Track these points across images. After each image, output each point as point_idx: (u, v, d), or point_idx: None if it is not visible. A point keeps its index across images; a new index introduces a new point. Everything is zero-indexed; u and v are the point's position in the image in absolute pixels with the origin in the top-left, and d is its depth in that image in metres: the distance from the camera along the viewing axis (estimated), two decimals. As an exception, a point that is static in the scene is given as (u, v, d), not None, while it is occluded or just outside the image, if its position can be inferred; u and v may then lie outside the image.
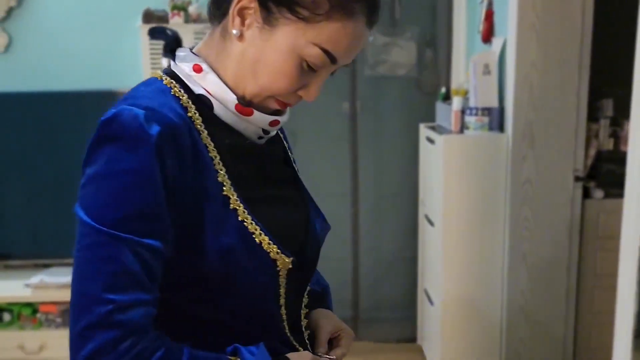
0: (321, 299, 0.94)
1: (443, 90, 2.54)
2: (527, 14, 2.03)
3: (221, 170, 0.73)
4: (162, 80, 0.76)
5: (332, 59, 0.71)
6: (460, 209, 2.21)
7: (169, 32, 0.82)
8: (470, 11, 2.48)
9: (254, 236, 0.73)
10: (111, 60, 2.41)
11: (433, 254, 2.42)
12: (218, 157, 0.73)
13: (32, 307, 2.40)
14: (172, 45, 0.80)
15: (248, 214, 0.73)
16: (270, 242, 0.74)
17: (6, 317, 2.43)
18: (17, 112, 2.43)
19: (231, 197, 0.73)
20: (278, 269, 0.75)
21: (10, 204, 2.49)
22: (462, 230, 2.22)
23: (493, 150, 2.17)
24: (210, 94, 0.75)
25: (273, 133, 0.80)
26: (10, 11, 2.44)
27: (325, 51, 0.70)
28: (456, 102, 2.24)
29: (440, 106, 2.48)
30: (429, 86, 2.68)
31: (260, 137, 0.78)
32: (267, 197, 0.79)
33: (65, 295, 2.37)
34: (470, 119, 2.19)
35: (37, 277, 2.39)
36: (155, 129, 0.67)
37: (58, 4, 2.47)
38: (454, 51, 2.60)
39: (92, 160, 0.68)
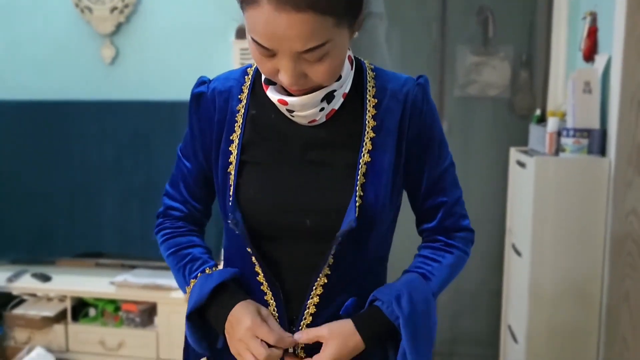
0: (360, 313, 0.90)
1: (538, 112, 2.39)
2: (636, 28, 1.86)
3: (237, 130, 0.92)
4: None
5: (259, 45, 0.78)
6: (552, 238, 2.02)
7: None
8: (572, 28, 2.33)
9: (230, 186, 0.91)
10: (205, 72, 2.50)
11: (519, 286, 2.24)
12: (240, 122, 0.92)
13: (115, 305, 2.51)
14: None
15: (234, 168, 0.91)
16: (231, 199, 0.90)
17: (92, 312, 2.55)
18: (118, 119, 2.59)
19: (232, 152, 0.92)
20: (232, 226, 0.89)
21: (105, 207, 2.64)
22: (553, 263, 2.03)
23: (592, 175, 1.98)
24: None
25: (304, 113, 0.86)
26: (119, 26, 2.64)
27: (252, 38, 0.79)
28: (552, 122, 2.09)
29: (534, 129, 2.33)
30: (522, 108, 2.53)
31: (291, 114, 0.88)
32: (263, 166, 0.91)
33: (146, 296, 2.46)
34: (567, 141, 2.02)
35: (122, 277, 2.50)
36: (198, 89, 0.97)
37: (161, 20, 2.63)
38: (552, 71, 2.45)
39: None
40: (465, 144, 2.67)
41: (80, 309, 2.56)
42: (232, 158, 0.92)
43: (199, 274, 0.95)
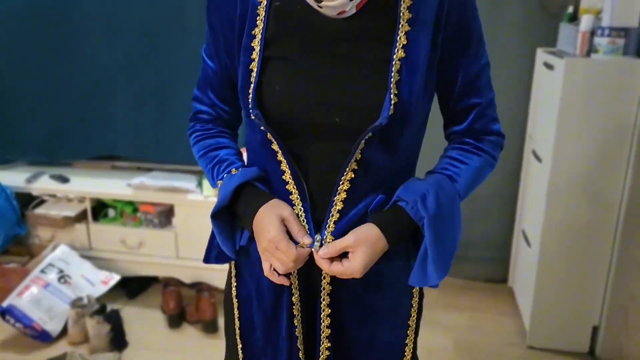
0: (381, 212, 0.88)
1: (570, 10, 2.23)
2: None
3: (260, 24, 0.87)
4: None
5: None
6: (575, 145, 1.97)
7: None
8: None
9: (251, 84, 0.87)
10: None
11: (537, 192, 2.22)
12: (262, 15, 0.87)
13: (133, 206, 2.55)
14: None
15: (257, 65, 0.86)
16: (251, 93, 0.86)
17: (111, 212, 2.60)
18: (126, 16, 2.47)
19: (255, 47, 0.87)
20: (256, 121, 0.86)
21: (118, 109, 2.60)
22: (574, 169, 2.00)
23: (626, 78, 1.88)
24: None
25: (333, 3, 0.81)
26: None
27: None
28: (585, 20, 1.95)
29: (564, 28, 2.19)
30: (553, 5, 2.36)
31: (319, 4, 0.82)
32: (289, 61, 0.86)
33: (163, 198, 2.49)
34: (600, 41, 1.90)
35: (139, 179, 2.52)
36: None
37: None
38: (590, -37, 2.25)
39: None
40: (489, 43, 2.52)
41: (99, 209, 2.62)
42: (255, 54, 0.87)
43: (224, 175, 0.94)
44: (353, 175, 0.86)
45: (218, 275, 2.41)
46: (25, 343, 2.21)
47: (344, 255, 0.86)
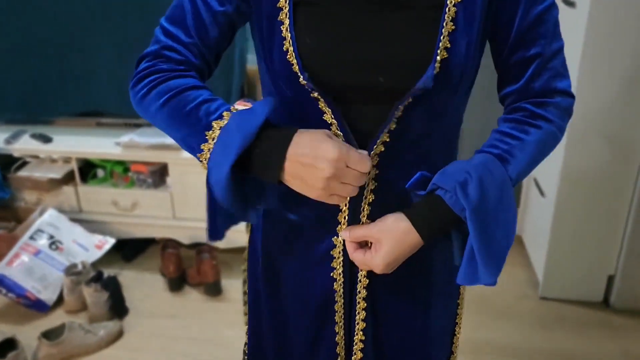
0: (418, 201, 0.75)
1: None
2: None
3: None
4: None
5: None
6: (600, 87, 1.85)
7: None
8: None
9: (284, 42, 0.71)
10: None
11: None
12: None
13: (124, 166, 2.40)
14: None
15: (288, 14, 0.70)
16: (291, 52, 0.70)
17: (100, 173, 2.45)
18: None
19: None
20: (307, 88, 0.70)
21: (100, 61, 2.40)
22: (594, 111, 1.88)
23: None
24: None
25: None
26: None
27: None
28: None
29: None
30: None
31: None
32: (320, 8, 0.70)
33: (155, 156, 2.33)
34: (630, -26, 1.74)
35: (128, 136, 2.36)
36: None
37: None
38: None
39: None
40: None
41: (87, 170, 2.46)
42: (283, 1, 0.71)
43: (224, 113, 0.71)
44: (387, 139, 0.73)
45: (218, 235, 2.30)
46: (21, 312, 2.11)
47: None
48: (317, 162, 0.65)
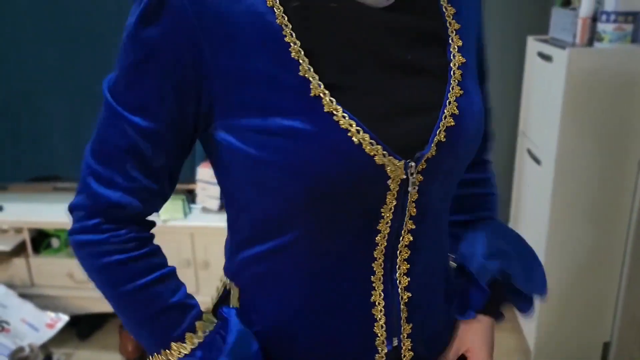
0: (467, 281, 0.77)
1: (564, -8, 2.01)
2: None
3: (294, 43, 0.54)
4: None
5: None
6: (581, 147, 1.75)
7: None
8: None
9: (349, 134, 0.53)
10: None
11: (536, 198, 2.00)
12: (285, 24, 0.54)
13: (80, 235, 2.23)
14: None
15: (337, 104, 0.54)
16: (372, 141, 0.54)
17: (55, 242, 2.27)
18: (67, 16, 2.13)
19: (312, 80, 0.54)
20: (389, 178, 0.56)
21: (56, 122, 2.26)
22: (580, 175, 1.78)
23: (636, 68, 1.66)
24: None
25: None
26: None
27: None
28: (586, 5, 1.72)
29: (557, 13, 1.96)
30: (544, -13, 2.13)
31: None
32: (365, 83, 0.56)
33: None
34: (605, 28, 1.68)
35: (84, 203, 2.19)
36: None
37: None
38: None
39: None
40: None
41: (40, 239, 2.28)
42: (315, 87, 0.54)
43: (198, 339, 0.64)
44: (413, 226, 0.62)
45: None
46: (-43, 407, 1.87)
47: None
48: None
